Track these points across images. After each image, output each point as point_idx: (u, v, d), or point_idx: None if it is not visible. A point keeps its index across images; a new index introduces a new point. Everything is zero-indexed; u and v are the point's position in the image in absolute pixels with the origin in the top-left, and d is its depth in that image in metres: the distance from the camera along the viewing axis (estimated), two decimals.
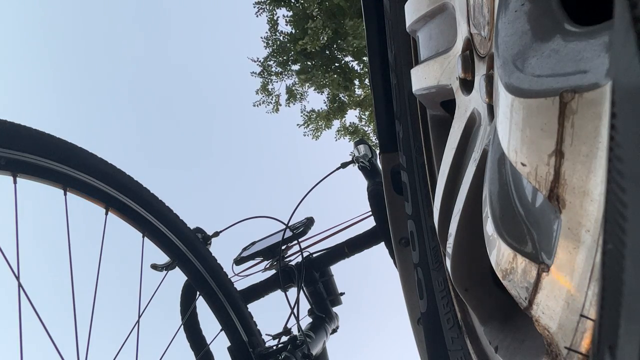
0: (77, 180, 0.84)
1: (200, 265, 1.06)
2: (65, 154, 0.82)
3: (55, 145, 0.81)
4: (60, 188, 0.82)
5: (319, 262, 1.26)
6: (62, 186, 0.82)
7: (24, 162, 0.75)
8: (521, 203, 0.35)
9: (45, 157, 0.78)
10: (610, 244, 0.16)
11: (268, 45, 7.27)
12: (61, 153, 0.81)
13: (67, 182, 0.82)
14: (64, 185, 0.82)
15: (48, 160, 0.78)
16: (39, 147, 0.77)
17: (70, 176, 0.82)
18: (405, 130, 0.89)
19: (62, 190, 0.82)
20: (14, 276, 0.72)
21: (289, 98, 7.44)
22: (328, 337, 1.21)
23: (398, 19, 0.88)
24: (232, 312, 1.10)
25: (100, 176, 0.88)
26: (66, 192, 0.82)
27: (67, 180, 0.82)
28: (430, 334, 0.77)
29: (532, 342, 0.44)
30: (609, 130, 0.16)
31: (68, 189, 0.83)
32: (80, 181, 0.84)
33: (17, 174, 0.74)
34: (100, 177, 0.88)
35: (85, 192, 0.86)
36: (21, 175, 0.75)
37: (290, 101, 7.45)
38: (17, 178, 0.74)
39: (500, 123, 0.33)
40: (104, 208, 0.90)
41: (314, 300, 1.23)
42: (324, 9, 6.29)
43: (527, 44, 0.29)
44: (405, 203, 0.88)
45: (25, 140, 0.75)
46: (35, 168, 0.77)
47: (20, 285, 0.72)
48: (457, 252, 0.55)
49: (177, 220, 1.06)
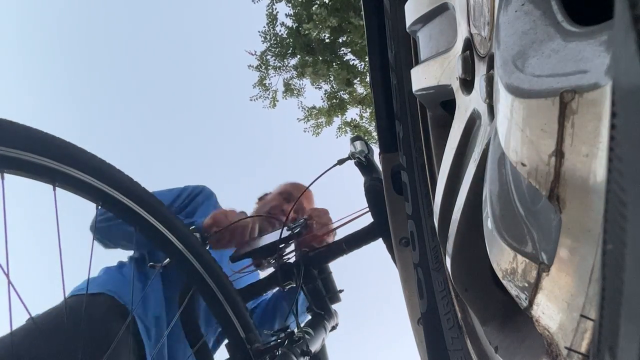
0: (67, 175, 0.82)
1: (197, 263, 1.06)
2: (54, 150, 0.80)
3: (44, 141, 0.79)
4: (49, 184, 0.80)
5: (317, 259, 1.26)
6: (51, 182, 0.80)
7: (11, 157, 0.73)
8: (521, 203, 0.35)
9: (34, 153, 0.76)
10: (610, 244, 0.16)
11: (266, 40, 7.19)
12: (50, 149, 0.80)
13: (57, 178, 0.81)
14: (53, 181, 0.80)
15: (37, 156, 0.77)
16: (27, 142, 0.76)
17: (59, 172, 0.81)
18: (405, 130, 0.89)
19: (51, 186, 0.80)
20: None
21: (286, 91, 7.36)
22: (327, 334, 1.21)
23: (398, 19, 0.88)
24: (230, 310, 1.10)
25: (91, 172, 0.86)
26: (55, 187, 0.81)
27: (57, 176, 0.81)
28: (430, 334, 0.77)
29: (532, 342, 0.44)
30: (609, 130, 0.16)
31: (57, 184, 0.81)
32: (70, 177, 0.83)
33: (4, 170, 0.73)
34: (91, 173, 0.86)
35: (76, 187, 0.85)
36: (9, 171, 0.74)
37: (287, 94, 7.36)
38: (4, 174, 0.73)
39: (500, 123, 0.33)
40: (95, 204, 0.89)
41: (312, 298, 1.23)
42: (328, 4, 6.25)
43: (527, 44, 0.29)
44: (406, 203, 0.88)
45: (12, 135, 0.74)
46: (23, 164, 0.75)
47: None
48: (457, 252, 0.55)
49: (173, 217, 1.05)
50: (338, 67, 6.75)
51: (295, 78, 7.34)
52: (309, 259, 1.24)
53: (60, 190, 0.82)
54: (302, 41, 6.81)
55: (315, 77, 6.90)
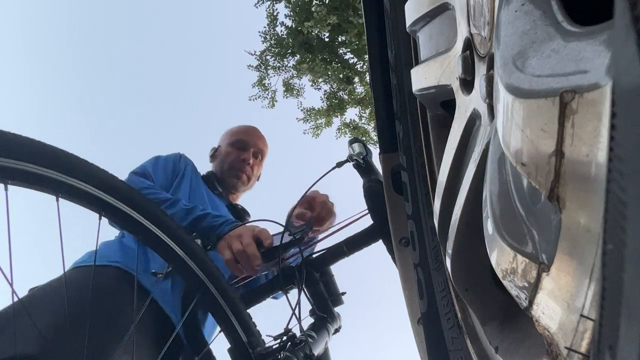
0: (70, 186, 0.83)
1: (199, 270, 1.06)
2: (57, 161, 0.81)
3: (47, 153, 0.80)
4: (53, 195, 0.81)
5: (318, 262, 1.26)
6: (54, 193, 0.81)
7: (15, 169, 0.74)
8: (521, 203, 0.35)
9: (37, 164, 0.77)
10: (610, 244, 0.16)
11: (266, 40, 7.19)
12: (53, 160, 0.80)
13: (60, 189, 0.82)
14: (56, 192, 0.81)
15: (40, 167, 0.78)
16: (30, 154, 0.77)
17: (62, 183, 0.81)
18: (405, 130, 0.89)
19: (54, 197, 0.81)
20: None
21: (287, 90, 7.35)
22: (330, 337, 1.21)
23: (398, 19, 0.88)
24: (231, 314, 1.10)
25: (93, 182, 0.87)
26: (58, 199, 0.82)
27: (60, 187, 0.81)
28: (431, 334, 0.77)
29: (532, 342, 0.45)
30: (609, 130, 0.16)
31: (61, 195, 0.82)
32: (73, 188, 0.84)
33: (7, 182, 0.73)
34: (93, 183, 0.87)
35: (78, 198, 0.86)
36: (13, 182, 0.75)
37: (287, 94, 7.35)
38: (7, 185, 0.74)
39: (500, 123, 0.33)
40: (97, 214, 0.89)
41: (315, 301, 1.23)
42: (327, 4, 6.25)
43: (527, 44, 0.29)
44: (406, 203, 0.88)
45: (15, 147, 0.75)
46: (26, 175, 0.76)
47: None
48: (457, 252, 0.55)
49: (175, 225, 1.05)
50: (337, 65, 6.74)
51: (295, 78, 7.33)
52: (310, 262, 1.24)
53: (63, 201, 0.83)
54: (301, 39, 6.80)
55: (312, 74, 6.88)
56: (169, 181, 1.52)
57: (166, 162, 1.57)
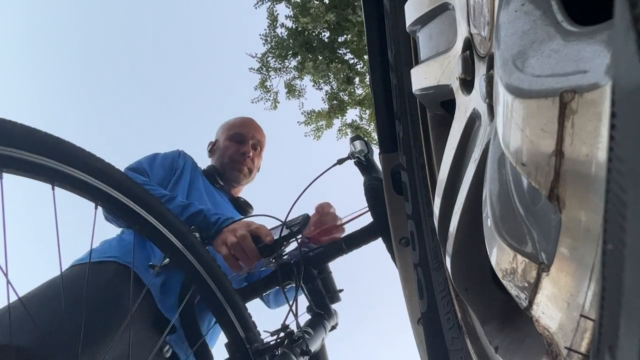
0: (66, 175, 0.82)
1: (197, 262, 1.06)
2: (53, 149, 0.80)
3: (43, 140, 0.79)
4: (48, 183, 0.80)
5: (317, 259, 1.26)
6: (50, 181, 0.80)
7: (10, 157, 0.73)
8: (521, 203, 0.35)
9: (33, 152, 0.76)
10: (610, 244, 0.16)
11: (267, 42, 7.21)
12: (49, 148, 0.79)
13: (56, 178, 0.80)
14: (52, 180, 0.80)
15: (36, 155, 0.76)
16: (26, 141, 0.75)
17: (58, 171, 0.80)
18: (405, 130, 0.89)
19: (50, 185, 0.80)
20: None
21: (289, 92, 7.35)
22: (327, 333, 1.21)
23: (398, 19, 0.88)
24: (229, 309, 1.10)
25: (90, 171, 0.86)
26: (54, 187, 0.80)
27: (56, 175, 0.80)
28: (430, 334, 0.77)
29: (532, 342, 0.44)
30: (609, 130, 0.16)
31: (56, 184, 0.81)
32: (69, 176, 0.82)
33: (2, 169, 0.72)
34: (90, 172, 0.86)
35: (74, 187, 0.84)
36: (8, 170, 0.73)
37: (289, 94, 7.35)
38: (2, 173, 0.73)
39: (500, 123, 0.33)
40: (94, 203, 0.89)
41: (312, 297, 1.23)
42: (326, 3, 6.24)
43: (527, 44, 0.29)
44: (406, 203, 0.88)
45: (11, 135, 0.73)
46: (22, 163, 0.75)
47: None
48: (457, 252, 0.55)
49: (173, 216, 1.05)
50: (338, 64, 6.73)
51: (296, 79, 7.34)
52: (308, 259, 1.24)
53: (59, 190, 0.82)
54: (302, 39, 6.81)
55: (315, 72, 6.87)
56: (167, 178, 1.51)
57: (164, 159, 1.57)
